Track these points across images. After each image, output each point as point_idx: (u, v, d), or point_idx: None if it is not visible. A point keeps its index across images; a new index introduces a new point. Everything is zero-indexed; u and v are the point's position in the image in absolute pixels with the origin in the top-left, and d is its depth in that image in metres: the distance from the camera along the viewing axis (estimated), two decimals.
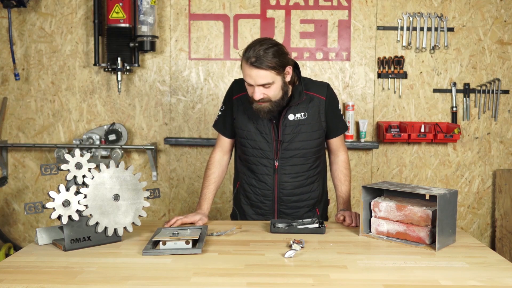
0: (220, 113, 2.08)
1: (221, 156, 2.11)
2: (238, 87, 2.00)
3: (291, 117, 1.93)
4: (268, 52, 1.75)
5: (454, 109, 3.30)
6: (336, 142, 2.09)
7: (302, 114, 1.94)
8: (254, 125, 1.96)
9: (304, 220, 1.90)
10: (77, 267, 1.44)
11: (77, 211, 1.59)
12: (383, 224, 1.77)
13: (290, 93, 1.92)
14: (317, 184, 2.08)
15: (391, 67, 3.27)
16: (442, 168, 3.35)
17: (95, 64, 3.22)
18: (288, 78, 1.86)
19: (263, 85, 1.79)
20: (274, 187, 2.00)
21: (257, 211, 2.06)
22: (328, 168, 2.20)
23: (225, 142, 2.10)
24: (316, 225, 1.85)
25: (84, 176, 1.62)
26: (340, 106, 2.08)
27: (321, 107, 1.97)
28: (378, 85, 3.30)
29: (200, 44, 3.29)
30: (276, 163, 1.97)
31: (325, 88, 1.99)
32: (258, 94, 1.80)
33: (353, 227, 1.90)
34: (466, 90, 3.29)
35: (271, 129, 1.95)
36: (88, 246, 1.62)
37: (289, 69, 1.85)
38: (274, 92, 1.82)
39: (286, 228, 1.84)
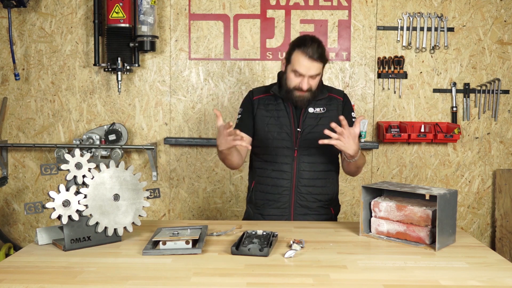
0: (239, 116, 2.18)
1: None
2: (257, 92, 2.19)
3: (311, 110, 2.10)
4: (323, 48, 2.02)
5: (454, 109, 3.30)
6: None
7: (322, 108, 2.11)
8: (275, 117, 2.10)
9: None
10: (77, 267, 1.44)
11: (77, 211, 1.59)
12: (383, 224, 1.77)
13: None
14: (332, 181, 2.16)
15: (391, 67, 3.27)
16: (442, 168, 3.35)
17: (95, 64, 3.22)
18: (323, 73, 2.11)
19: (311, 76, 2.00)
20: (292, 176, 2.07)
21: (274, 204, 2.10)
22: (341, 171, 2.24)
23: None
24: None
25: (84, 176, 1.62)
26: (354, 115, 2.19)
27: (339, 106, 2.15)
28: (378, 85, 3.30)
29: (200, 44, 3.29)
30: (296, 151, 2.07)
31: (342, 93, 2.21)
32: (307, 84, 2.00)
33: (338, 142, 1.87)
34: (466, 90, 3.29)
35: (291, 120, 2.08)
36: (88, 246, 1.62)
37: (326, 64, 2.10)
38: (317, 83, 2.05)
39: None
